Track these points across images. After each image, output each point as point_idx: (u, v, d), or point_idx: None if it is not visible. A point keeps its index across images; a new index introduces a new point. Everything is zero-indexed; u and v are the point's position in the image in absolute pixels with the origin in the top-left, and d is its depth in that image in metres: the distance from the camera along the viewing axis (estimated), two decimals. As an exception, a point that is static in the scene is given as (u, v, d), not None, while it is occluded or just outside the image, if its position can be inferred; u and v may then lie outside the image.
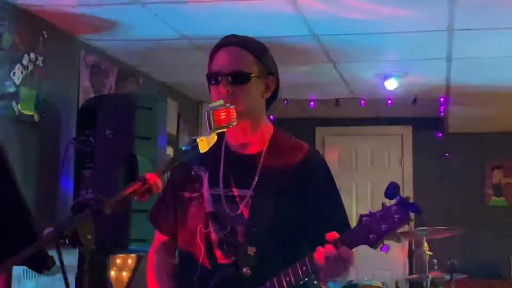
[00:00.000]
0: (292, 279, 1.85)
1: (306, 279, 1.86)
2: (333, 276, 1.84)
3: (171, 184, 2.13)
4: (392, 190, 1.77)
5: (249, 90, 1.99)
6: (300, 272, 1.84)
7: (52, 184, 4.15)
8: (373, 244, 1.78)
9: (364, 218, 1.81)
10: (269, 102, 2.11)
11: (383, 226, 1.77)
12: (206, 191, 2.03)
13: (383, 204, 1.80)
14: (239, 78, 1.98)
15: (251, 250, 1.94)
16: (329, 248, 1.79)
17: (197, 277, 1.99)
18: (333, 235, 1.81)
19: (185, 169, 2.06)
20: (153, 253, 2.20)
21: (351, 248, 1.79)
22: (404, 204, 1.76)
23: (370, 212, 1.81)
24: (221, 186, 2.02)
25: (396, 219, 1.76)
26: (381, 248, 1.80)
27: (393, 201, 1.77)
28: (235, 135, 2.05)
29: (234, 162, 2.05)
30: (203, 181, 2.05)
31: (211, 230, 2.00)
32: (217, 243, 1.99)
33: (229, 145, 2.08)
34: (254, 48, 2.05)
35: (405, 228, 1.85)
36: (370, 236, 1.78)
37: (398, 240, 1.81)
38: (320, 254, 1.79)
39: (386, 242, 1.80)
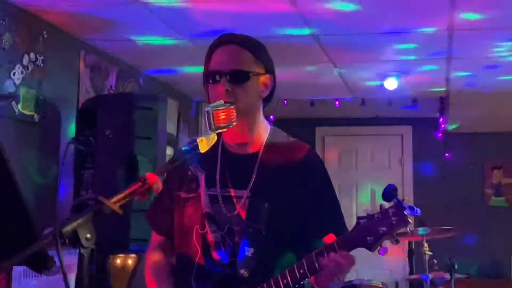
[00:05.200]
0: (290, 280, 1.84)
1: (303, 281, 1.86)
2: (333, 281, 1.83)
3: (167, 184, 2.11)
4: (390, 192, 1.76)
5: (248, 89, 1.98)
6: (297, 274, 1.83)
7: (52, 184, 4.15)
8: (371, 247, 1.78)
9: (361, 221, 1.80)
10: (266, 101, 2.10)
11: (381, 229, 1.76)
12: (202, 191, 2.02)
13: (380, 206, 1.78)
14: (238, 77, 1.97)
15: (249, 251, 1.93)
16: (331, 255, 1.78)
17: (193, 278, 1.98)
18: (330, 238, 1.80)
19: (181, 169, 2.04)
20: (151, 253, 2.19)
21: (349, 250, 1.79)
22: (402, 206, 1.75)
23: (367, 214, 1.80)
24: (218, 187, 2.01)
25: (394, 222, 1.75)
26: (379, 251, 1.79)
27: (391, 203, 1.76)
28: (232, 135, 2.02)
29: (231, 162, 2.04)
30: (199, 181, 2.04)
31: (208, 231, 1.98)
32: (214, 244, 1.98)
33: (226, 145, 2.07)
34: (253, 46, 2.03)
35: (404, 229, 1.83)
36: (368, 238, 1.77)
37: (397, 242, 1.79)
38: (323, 262, 1.79)
39: (384, 244, 1.79)
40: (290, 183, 1.99)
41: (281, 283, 1.85)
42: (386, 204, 1.77)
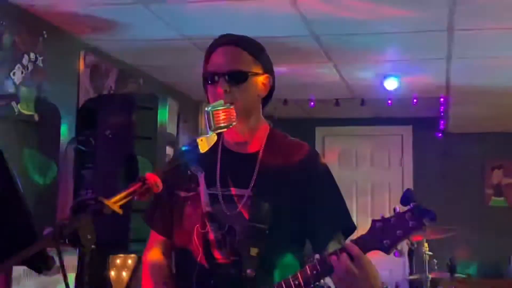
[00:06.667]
0: (302, 282, 1.83)
1: (316, 283, 1.85)
2: (351, 280, 1.80)
3: (166, 184, 2.10)
4: (408, 197, 1.78)
5: (247, 89, 1.99)
6: (310, 275, 1.83)
7: (52, 184, 4.15)
8: (387, 250, 1.78)
9: (377, 224, 1.80)
10: (265, 101, 2.10)
11: (398, 232, 1.77)
12: (202, 190, 2.02)
13: (394, 209, 1.80)
14: (237, 77, 1.97)
15: (254, 251, 1.93)
16: (343, 256, 1.77)
17: (195, 278, 1.98)
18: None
19: (181, 169, 2.04)
20: (148, 253, 2.18)
21: (365, 253, 1.79)
22: (419, 210, 1.76)
23: (382, 217, 1.81)
24: (219, 186, 2.01)
25: (411, 225, 1.76)
26: (394, 253, 1.81)
27: (406, 207, 1.77)
28: (232, 134, 2.04)
29: (231, 161, 2.05)
30: (199, 180, 2.04)
31: (209, 230, 1.99)
32: (216, 243, 1.98)
33: (226, 144, 2.08)
34: (251, 47, 2.04)
35: (420, 233, 1.86)
36: (385, 241, 1.78)
37: (411, 245, 1.83)
38: (334, 260, 1.78)
39: (398, 247, 1.81)
40: (291, 182, 2.00)
41: (292, 284, 1.84)
42: (400, 208, 1.79)
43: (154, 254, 2.17)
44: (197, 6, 3.89)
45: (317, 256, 1.92)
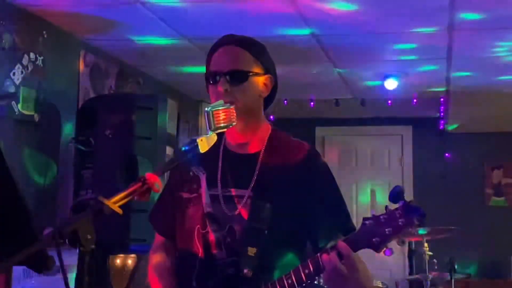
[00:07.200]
0: (294, 281, 1.84)
1: (309, 282, 1.85)
2: (340, 279, 1.81)
3: (169, 185, 2.14)
4: (396, 194, 1.77)
5: (248, 89, 1.99)
6: (302, 275, 1.83)
7: (52, 184, 4.15)
8: (376, 248, 1.78)
9: (367, 222, 1.80)
10: (267, 101, 2.11)
11: (387, 230, 1.77)
12: (204, 191, 2.03)
13: (386, 207, 1.79)
14: (237, 77, 1.98)
15: (252, 251, 1.93)
16: (331, 254, 1.78)
17: (195, 277, 1.99)
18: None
19: (183, 170, 2.05)
20: (153, 253, 2.20)
21: (355, 251, 1.79)
22: (408, 208, 1.76)
23: (373, 215, 1.81)
24: (219, 186, 2.02)
25: (400, 223, 1.76)
26: (384, 252, 1.80)
27: (397, 205, 1.77)
28: (233, 135, 2.04)
29: (232, 162, 2.05)
30: (201, 181, 2.04)
31: (209, 230, 1.99)
32: (215, 243, 1.98)
33: (227, 145, 2.08)
34: (252, 47, 2.05)
35: (410, 230, 1.85)
36: (374, 239, 1.78)
37: (402, 243, 1.82)
38: (324, 259, 1.79)
39: (389, 245, 1.80)
40: (292, 182, 2.00)
41: (286, 283, 1.84)
42: (392, 206, 1.78)
43: (158, 255, 2.18)
44: (197, 6, 3.89)
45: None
